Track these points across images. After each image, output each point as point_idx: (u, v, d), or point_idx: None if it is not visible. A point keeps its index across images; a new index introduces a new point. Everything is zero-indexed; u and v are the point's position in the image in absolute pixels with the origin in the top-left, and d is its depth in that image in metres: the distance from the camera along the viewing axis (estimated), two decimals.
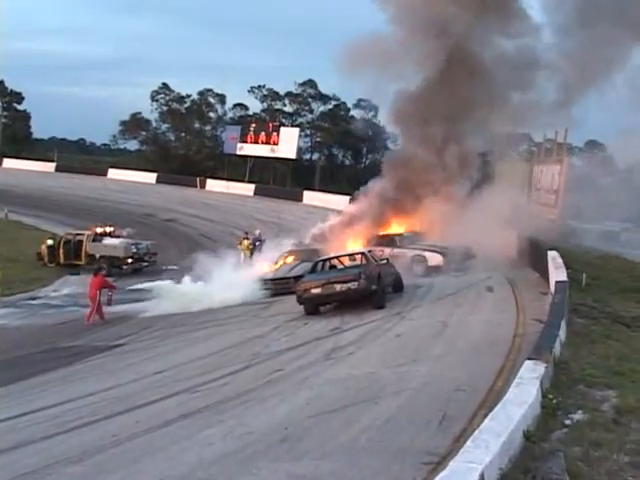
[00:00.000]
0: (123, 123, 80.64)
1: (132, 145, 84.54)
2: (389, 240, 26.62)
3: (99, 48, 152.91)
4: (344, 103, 77.95)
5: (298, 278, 22.22)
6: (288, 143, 64.94)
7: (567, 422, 8.58)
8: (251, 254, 31.23)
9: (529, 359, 9.64)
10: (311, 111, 77.98)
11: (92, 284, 23.98)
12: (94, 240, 33.68)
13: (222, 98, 79.23)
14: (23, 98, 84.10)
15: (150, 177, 67.79)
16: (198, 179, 64.95)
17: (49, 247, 34.00)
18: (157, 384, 14.42)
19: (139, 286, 26.78)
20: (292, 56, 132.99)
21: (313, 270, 21.34)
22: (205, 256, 26.59)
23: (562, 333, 12.34)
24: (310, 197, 56.04)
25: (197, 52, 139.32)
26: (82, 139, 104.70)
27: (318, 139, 78.46)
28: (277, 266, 26.20)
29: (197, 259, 26.26)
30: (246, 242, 32.03)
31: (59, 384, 15.93)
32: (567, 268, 18.74)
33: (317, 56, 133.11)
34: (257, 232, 33.10)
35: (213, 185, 64.33)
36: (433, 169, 27.65)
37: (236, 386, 13.26)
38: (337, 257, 22.31)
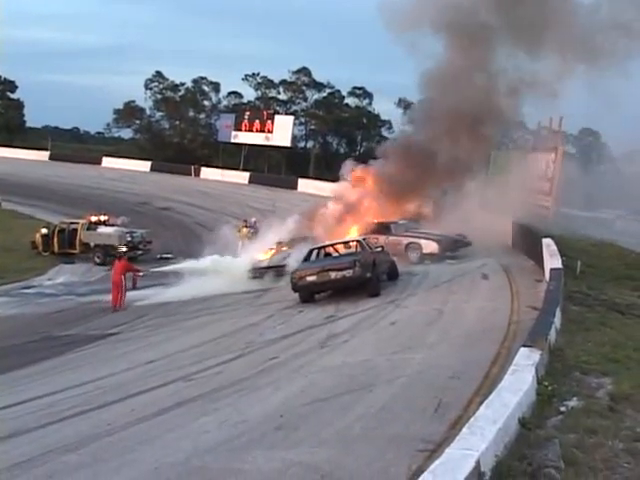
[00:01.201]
0: (117, 111, 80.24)
1: (126, 133, 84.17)
2: (384, 228, 26.57)
3: (93, 36, 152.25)
4: (338, 91, 77.81)
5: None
6: (282, 131, 64.80)
7: (562, 409, 8.58)
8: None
9: (524, 346, 9.63)
10: (305, 99, 77.73)
11: (116, 269, 23.96)
12: (89, 229, 33.52)
13: (216, 86, 78.94)
14: (16, 86, 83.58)
15: (144, 165, 67.57)
16: (193, 167, 64.75)
17: (43, 236, 33.84)
18: (151, 373, 14.40)
19: (165, 269, 26.57)
20: (286, 44, 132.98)
21: (308, 258, 21.31)
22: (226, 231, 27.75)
23: (557, 320, 12.35)
24: (305, 185, 55.95)
25: (191, 40, 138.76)
26: (76, 128, 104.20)
27: (312, 127, 78.22)
28: (268, 255, 26.08)
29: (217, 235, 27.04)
30: (245, 230, 31.89)
31: (53, 373, 15.88)
32: (562, 256, 18.76)
33: (311, 44, 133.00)
34: (252, 219, 32.97)
35: (208, 173, 64.13)
36: (446, 157, 27.34)
37: (231, 374, 13.26)
38: (332, 245, 22.26)
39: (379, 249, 21.76)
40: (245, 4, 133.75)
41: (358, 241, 21.60)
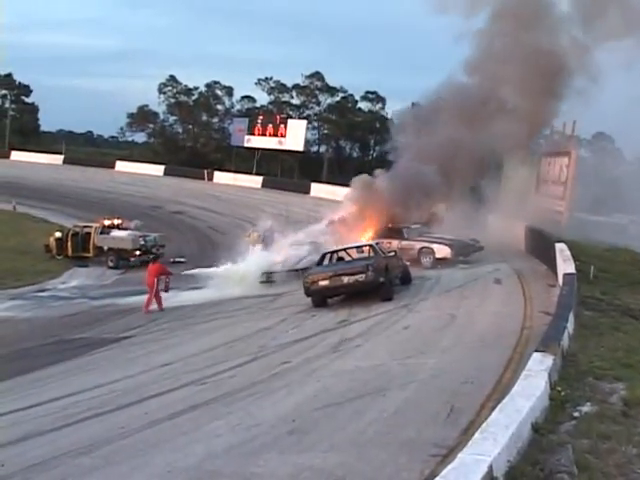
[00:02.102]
0: (130, 115, 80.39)
1: (140, 137, 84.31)
2: (397, 232, 26.54)
3: (107, 40, 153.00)
4: (351, 95, 77.75)
5: (305, 270, 22.21)
6: (295, 135, 64.76)
7: (575, 414, 8.56)
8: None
9: (537, 351, 9.62)
10: (318, 103, 77.72)
11: (150, 271, 23.96)
12: (102, 232, 33.59)
13: (229, 90, 79.04)
14: (31, 91, 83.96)
15: (158, 169, 67.66)
16: (206, 171, 64.81)
17: (57, 239, 33.95)
18: (165, 376, 14.44)
19: (193, 271, 26.57)
20: (299, 48, 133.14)
21: (321, 262, 21.32)
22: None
23: (570, 325, 12.32)
24: (318, 189, 55.88)
25: (204, 44, 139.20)
26: (90, 132, 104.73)
27: (325, 131, 78.20)
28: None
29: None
30: (255, 235, 31.75)
31: (67, 376, 15.95)
32: (575, 260, 18.73)
33: (324, 48, 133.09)
34: (268, 223, 32.81)
35: (220, 177, 64.16)
36: (466, 157, 27.25)
37: (243, 378, 13.28)
38: (345, 249, 22.27)
39: (392, 254, 21.76)
40: (258, 8, 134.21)
41: (371, 245, 21.61)
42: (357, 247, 22.39)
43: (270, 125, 66.03)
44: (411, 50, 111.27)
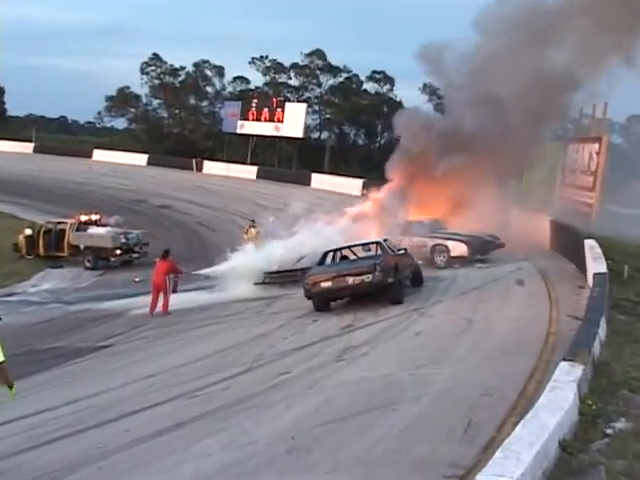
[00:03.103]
0: (109, 99, 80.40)
1: (120, 123, 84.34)
2: (407, 227, 26.52)
3: (83, 15, 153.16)
4: (356, 75, 77.81)
5: (306, 270, 22.21)
6: (294, 120, 64.71)
7: (608, 431, 8.54)
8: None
9: (565, 360, 9.59)
10: (319, 85, 77.79)
11: (159, 269, 23.67)
12: (78, 229, 33.58)
13: (220, 70, 79.11)
14: None
15: (140, 159, 67.74)
16: (194, 161, 64.88)
17: (27, 237, 33.96)
18: (150, 389, 14.45)
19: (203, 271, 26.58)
20: (298, 23, 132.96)
21: (323, 261, 21.31)
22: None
23: (602, 331, 12.30)
24: (319, 180, 55.92)
25: (192, 19, 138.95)
26: (63, 117, 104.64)
27: (327, 116, 78.27)
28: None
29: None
30: (253, 231, 31.67)
31: (40, 390, 15.91)
32: (607, 259, 18.69)
33: (326, 23, 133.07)
34: (270, 219, 32.77)
35: (211, 168, 64.23)
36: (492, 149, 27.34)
37: (237, 391, 13.28)
38: (349, 247, 22.25)
39: (402, 251, 21.74)
40: None
41: (378, 243, 21.56)
42: (363, 244, 22.35)
43: (266, 109, 65.98)
44: (423, 24, 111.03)
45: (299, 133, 65.47)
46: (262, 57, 77.57)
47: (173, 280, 23.86)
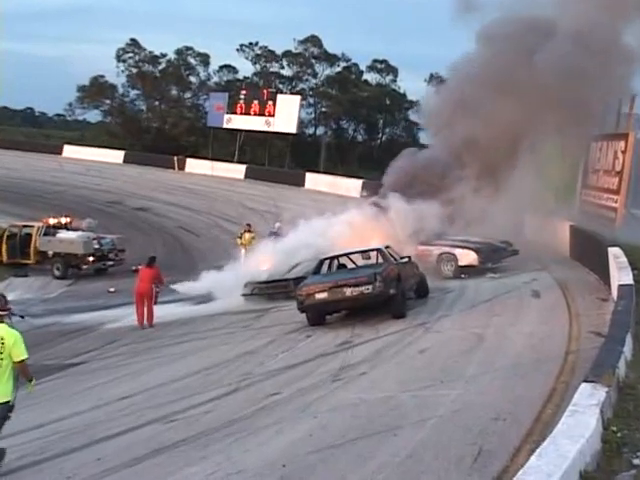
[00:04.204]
0: (82, 89, 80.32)
1: (93, 116, 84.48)
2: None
3: None
4: (355, 65, 78.18)
5: (299, 280, 22.18)
6: (287, 114, 64.83)
7: (635, 462, 8.51)
8: None
9: (586, 381, 9.56)
10: (315, 75, 78.05)
11: (143, 276, 23.72)
12: (46, 234, 33.58)
13: (205, 58, 79.27)
14: None
15: (116, 156, 67.87)
16: (176, 158, 65.02)
17: None
18: (124, 412, 14.40)
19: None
20: (291, 7, 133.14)
21: (318, 270, 21.29)
22: None
23: (627, 349, 12.26)
24: (314, 181, 56.10)
25: (174, 2, 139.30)
26: (29, 108, 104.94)
27: (323, 109, 78.47)
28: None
29: None
30: (248, 236, 31.62)
31: None
32: (633, 269, 18.68)
33: (321, 7, 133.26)
34: (276, 225, 32.76)
35: (194, 166, 64.39)
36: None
37: (222, 414, 13.25)
38: (347, 254, 22.24)
39: (405, 260, 21.72)
40: None
41: (379, 250, 21.54)
42: (362, 252, 22.35)
43: (255, 102, 66.10)
44: (429, 8, 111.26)
45: (292, 128, 65.58)
46: (251, 44, 77.89)
47: (154, 290, 23.81)
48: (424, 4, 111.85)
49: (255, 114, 65.68)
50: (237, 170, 62.71)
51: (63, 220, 34.69)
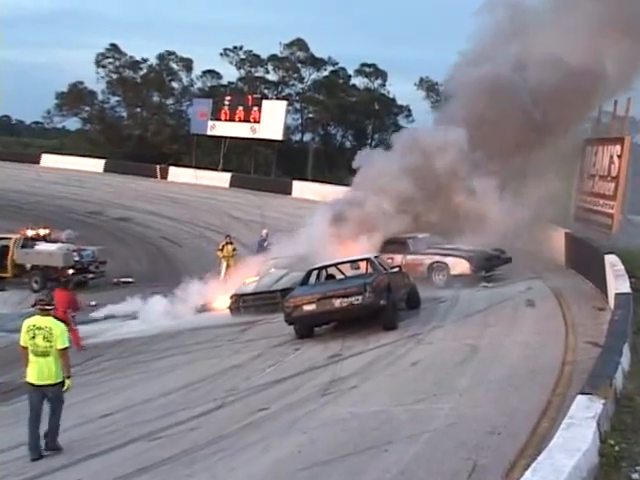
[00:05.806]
0: (60, 95, 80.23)
1: (72, 124, 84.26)
2: (400, 244, 26.50)
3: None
4: (343, 69, 78.19)
5: (286, 292, 22.19)
6: (272, 121, 64.86)
7: (634, 476, 8.53)
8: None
9: (582, 393, 9.59)
10: (301, 80, 78.07)
11: (58, 302, 22.68)
12: (24, 246, 33.49)
13: (188, 63, 79.22)
14: None
15: (96, 165, 67.83)
16: (158, 167, 65.04)
17: None
18: (106, 430, 14.39)
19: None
20: (276, 10, 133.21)
21: (306, 281, 21.30)
22: None
23: (625, 360, 12.30)
24: (301, 189, 56.18)
25: (155, 4, 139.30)
26: (6, 116, 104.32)
27: (310, 115, 78.48)
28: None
29: None
30: (230, 247, 31.55)
31: None
32: (630, 277, 18.73)
33: (307, 9, 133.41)
34: (264, 232, 32.72)
35: (177, 174, 64.42)
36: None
37: (208, 431, 13.24)
38: (336, 264, 22.25)
39: (395, 270, 21.75)
40: None
41: (369, 260, 21.55)
42: (351, 262, 22.36)
43: (240, 108, 66.17)
44: (419, 9, 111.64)
45: (278, 135, 65.66)
46: (236, 48, 77.84)
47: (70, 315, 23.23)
48: (414, 7, 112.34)
49: (240, 120, 65.70)
50: (222, 178, 62.73)
51: (42, 231, 34.62)
